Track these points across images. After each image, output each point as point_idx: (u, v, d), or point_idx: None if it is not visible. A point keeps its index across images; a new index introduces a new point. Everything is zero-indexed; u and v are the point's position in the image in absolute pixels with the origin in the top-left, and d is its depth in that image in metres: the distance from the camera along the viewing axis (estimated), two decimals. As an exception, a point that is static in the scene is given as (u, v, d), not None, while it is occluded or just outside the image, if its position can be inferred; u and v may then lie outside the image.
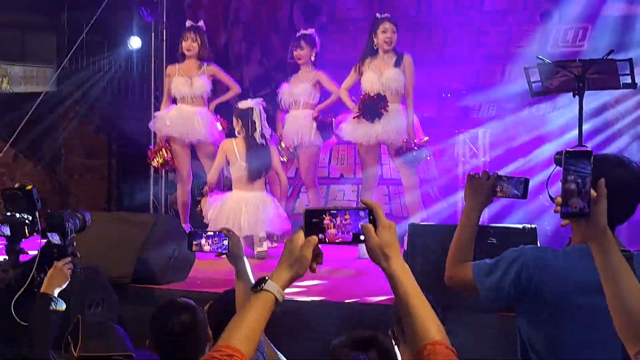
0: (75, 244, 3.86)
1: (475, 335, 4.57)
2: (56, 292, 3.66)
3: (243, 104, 7.50)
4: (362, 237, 1.94)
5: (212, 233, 3.30)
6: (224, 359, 1.80)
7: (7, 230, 3.90)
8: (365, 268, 6.70)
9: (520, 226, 4.99)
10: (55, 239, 3.77)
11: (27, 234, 3.93)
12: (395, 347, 2.61)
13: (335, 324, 4.88)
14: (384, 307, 4.80)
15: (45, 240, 3.85)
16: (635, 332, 1.99)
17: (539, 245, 3.75)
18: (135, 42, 10.08)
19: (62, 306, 3.66)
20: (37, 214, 3.88)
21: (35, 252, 3.85)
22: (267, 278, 1.94)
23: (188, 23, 8.16)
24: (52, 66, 10.42)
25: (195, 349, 3.02)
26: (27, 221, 3.84)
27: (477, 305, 4.10)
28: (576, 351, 2.72)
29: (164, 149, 8.05)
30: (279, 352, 3.68)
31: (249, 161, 7.27)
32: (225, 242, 3.25)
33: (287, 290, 1.93)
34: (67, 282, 3.72)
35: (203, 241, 3.29)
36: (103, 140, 11.16)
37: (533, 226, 4.90)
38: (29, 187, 3.94)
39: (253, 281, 1.98)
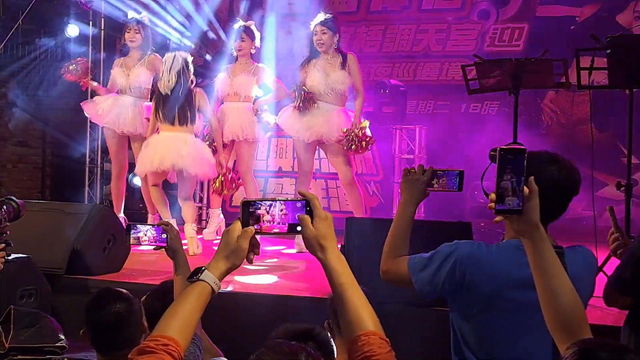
0: (8, 232, 3.78)
1: (410, 328, 4.62)
2: None
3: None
4: (298, 228, 1.95)
5: (150, 226, 3.28)
6: (159, 348, 1.80)
7: None
8: (302, 262, 6.73)
9: (455, 221, 5.05)
10: (-14, 227, 3.68)
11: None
12: (331, 339, 2.62)
13: (272, 318, 4.87)
14: (322, 300, 4.82)
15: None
16: (565, 327, 2.03)
17: (473, 240, 3.79)
18: (72, 30, 9.90)
19: None
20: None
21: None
22: (203, 268, 1.94)
23: (130, 15, 8.06)
24: (-14, 52, 10.19)
25: (130, 339, 2.99)
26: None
27: (412, 299, 4.15)
28: (507, 345, 2.77)
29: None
30: (214, 345, 3.68)
31: (164, 109, 7.27)
32: (164, 236, 3.23)
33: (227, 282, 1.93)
34: None
35: (141, 234, 3.27)
36: (38, 129, 10.94)
37: (467, 222, 4.97)
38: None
39: (191, 273, 1.97)
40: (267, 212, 1.97)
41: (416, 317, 4.75)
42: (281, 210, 1.97)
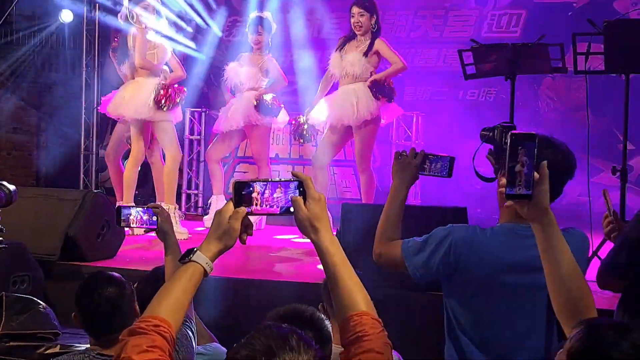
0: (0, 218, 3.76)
1: (404, 312, 4.61)
2: None
3: None
4: (291, 209, 1.93)
5: (140, 208, 3.25)
6: (149, 329, 1.78)
7: None
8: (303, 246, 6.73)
9: (450, 206, 5.04)
10: (-22, 212, 3.67)
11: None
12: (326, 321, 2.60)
13: (273, 302, 4.85)
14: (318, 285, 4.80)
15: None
16: (574, 310, 2.02)
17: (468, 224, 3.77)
18: (66, 15, 9.81)
19: None
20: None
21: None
22: (195, 249, 1.92)
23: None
24: (-21, 39, 10.13)
25: (122, 323, 2.96)
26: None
27: (406, 283, 4.14)
28: (500, 328, 2.76)
29: None
30: (208, 330, 3.67)
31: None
32: (155, 218, 3.20)
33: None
34: None
35: (131, 217, 3.24)
36: (32, 116, 10.88)
37: (463, 207, 4.95)
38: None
39: (182, 255, 1.95)
40: (260, 193, 1.95)
41: (410, 301, 4.74)
42: (274, 191, 1.95)
